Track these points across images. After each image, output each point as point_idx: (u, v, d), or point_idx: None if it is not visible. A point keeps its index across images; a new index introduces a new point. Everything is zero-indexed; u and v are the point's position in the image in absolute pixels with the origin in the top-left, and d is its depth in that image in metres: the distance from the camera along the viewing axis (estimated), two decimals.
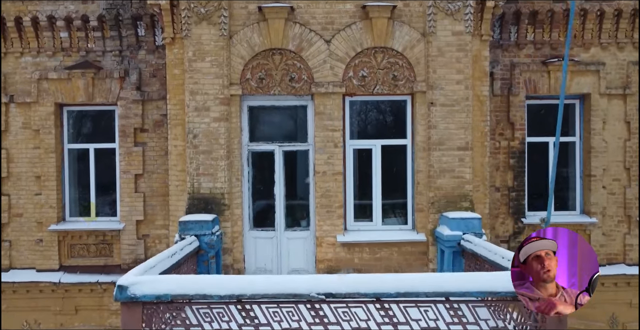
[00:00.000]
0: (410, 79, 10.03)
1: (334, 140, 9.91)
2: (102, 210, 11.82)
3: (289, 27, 9.88)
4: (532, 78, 11.43)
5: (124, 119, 11.33)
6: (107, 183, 11.78)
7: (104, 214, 11.77)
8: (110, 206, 11.82)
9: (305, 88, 10.00)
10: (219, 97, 9.76)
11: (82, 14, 11.09)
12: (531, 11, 11.19)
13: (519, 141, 11.42)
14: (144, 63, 11.39)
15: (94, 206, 11.68)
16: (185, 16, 9.70)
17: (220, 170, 9.76)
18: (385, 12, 9.78)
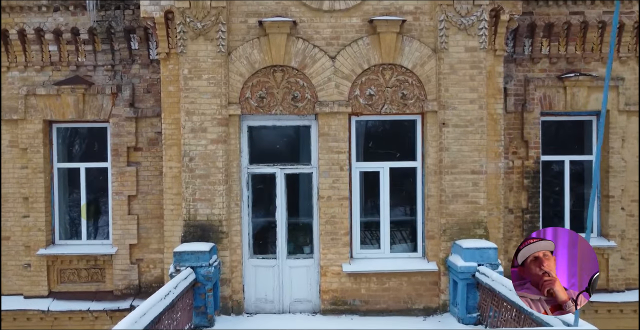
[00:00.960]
0: (420, 98, 9.42)
1: (339, 162, 9.31)
2: (94, 233, 11.24)
3: (291, 43, 9.27)
4: (548, 94, 10.83)
5: (116, 137, 10.73)
6: (99, 204, 11.21)
7: (96, 236, 11.20)
8: (102, 228, 11.24)
9: (309, 107, 9.39)
10: (216, 118, 9.15)
11: (72, 27, 10.49)
12: (546, 23, 10.60)
13: (533, 160, 10.83)
14: (137, 78, 10.79)
15: (85, 229, 11.07)
16: (181, 31, 9.08)
17: (218, 195, 9.15)
18: (394, 26, 9.17)
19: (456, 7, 9.12)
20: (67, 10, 10.53)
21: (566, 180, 11.13)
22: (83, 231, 11.09)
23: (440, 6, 9.13)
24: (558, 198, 11.31)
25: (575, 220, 11.16)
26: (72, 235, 11.27)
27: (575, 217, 11.16)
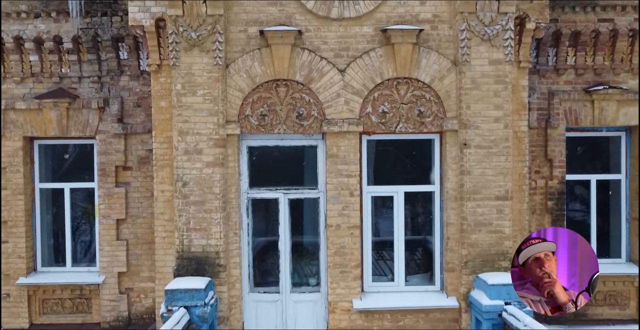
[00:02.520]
0: (439, 116, 8.51)
1: (349, 187, 8.40)
2: (80, 259, 10.33)
3: (296, 54, 8.36)
4: (573, 108, 9.94)
5: (103, 156, 9.80)
6: (86, 227, 10.31)
7: (83, 258, 10.28)
8: (89, 253, 10.33)
9: (316, 126, 8.48)
10: (213, 138, 8.23)
11: (54, 35, 9.55)
12: (573, 32, 9.71)
13: (557, 180, 9.94)
14: (126, 91, 9.86)
15: (70, 254, 10.15)
16: (173, 42, 8.15)
17: (215, 224, 8.23)
18: (410, 36, 8.27)
19: (479, 15, 8.22)
20: (49, 17, 9.60)
21: (592, 201, 10.25)
22: (68, 257, 10.16)
23: (461, 14, 8.22)
24: (583, 221, 10.46)
25: (602, 244, 10.30)
26: (56, 259, 10.37)
27: (601, 240, 10.30)
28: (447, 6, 8.46)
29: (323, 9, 8.36)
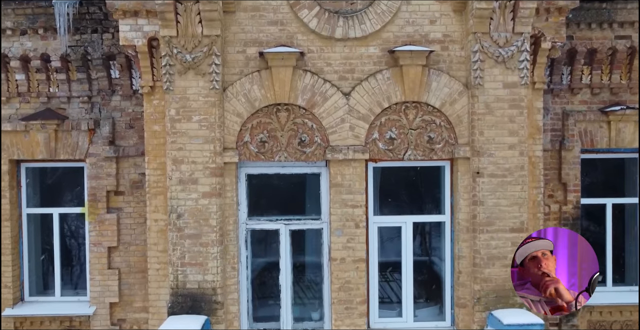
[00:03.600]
0: (450, 142, 8.01)
1: (354, 218, 7.89)
2: (70, 287, 9.81)
3: (297, 77, 7.85)
4: (589, 129, 9.46)
5: (94, 180, 9.28)
6: (76, 254, 9.81)
7: (72, 291, 9.75)
8: (80, 282, 9.81)
9: (319, 153, 7.97)
10: (209, 167, 7.71)
11: (41, 53, 9.03)
12: (588, 49, 9.21)
13: (572, 205, 9.45)
14: (118, 111, 9.34)
15: (58, 283, 9.63)
16: (166, 64, 7.63)
17: (212, 259, 7.71)
18: (420, 58, 7.76)
19: (493, 35, 7.71)
20: (35, 34, 9.08)
21: (608, 226, 9.78)
22: (57, 286, 9.64)
23: (474, 34, 7.72)
24: (598, 246, 9.97)
25: (618, 271, 9.83)
26: (45, 287, 9.87)
27: (617, 268, 9.83)
28: (459, 25, 7.96)
29: (327, 28, 7.85)
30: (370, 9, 7.89)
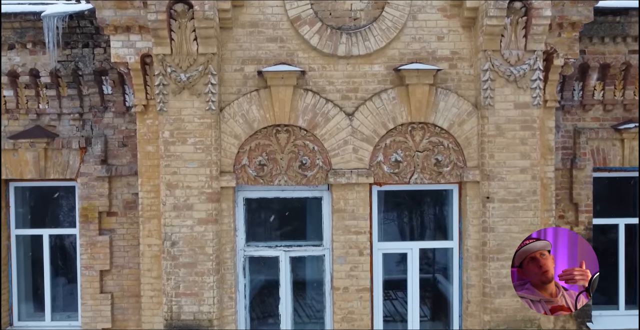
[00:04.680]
0: (458, 165, 7.62)
1: (358, 245, 7.51)
2: (62, 311, 9.41)
3: (298, 97, 7.45)
4: (601, 147, 9.08)
5: (85, 201, 8.88)
6: (68, 277, 9.42)
7: (63, 315, 9.36)
8: (72, 304, 9.41)
9: (321, 177, 7.58)
10: (205, 192, 7.32)
11: (30, 68, 8.63)
12: (601, 64, 8.83)
13: (584, 226, 9.07)
14: (110, 128, 8.94)
15: (49, 307, 9.24)
16: (160, 84, 7.23)
17: (208, 288, 7.32)
18: (427, 77, 7.37)
19: (504, 53, 7.32)
20: (24, 48, 8.68)
21: (620, 247, 9.40)
22: (47, 311, 9.25)
23: (484, 52, 7.32)
24: (610, 267, 9.59)
25: (631, 294, 9.45)
26: (35, 309, 9.46)
27: (631, 290, 9.45)
28: (468, 42, 7.57)
29: (329, 45, 7.46)
30: (374, 24, 7.50)
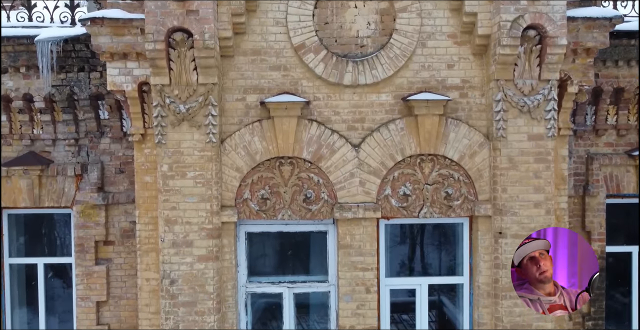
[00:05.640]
0: (469, 198, 7.32)
1: (365, 282, 7.20)
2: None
3: (302, 127, 7.15)
4: (615, 174, 8.82)
5: (81, 229, 8.58)
6: (63, 307, 9.11)
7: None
8: None
9: (326, 211, 7.27)
10: (205, 228, 7.01)
11: (23, 93, 8.34)
12: (615, 88, 8.56)
13: (597, 255, 8.76)
14: (107, 155, 8.65)
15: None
16: (158, 116, 6.93)
17: (208, 328, 7.01)
18: (437, 107, 7.07)
19: (517, 83, 7.02)
20: (17, 73, 8.38)
21: (634, 276, 9.12)
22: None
23: (496, 82, 7.02)
24: (622, 296, 9.31)
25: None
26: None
27: None
28: (479, 70, 7.27)
29: (334, 74, 7.15)
30: (382, 52, 7.20)
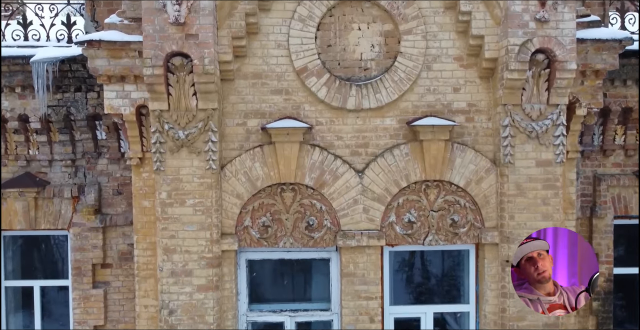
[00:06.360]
0: (475, 225, 7.14)
1: (369, 312, 7.02)
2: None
3: (305, 153, 6.97)
4: (623, 195, 8.66)
5: (78, 252, 8.41)
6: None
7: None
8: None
9: (329, 239, 7.09)
10: (205, 257, 6.83)
11: (19, 113, 8.17)
12: (623, 108, 8.39)
13: (604, 278, 8.63)
14: (105, 176, 8.48)
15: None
16: (157, 142, 6.74)
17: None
18: (442, 132, 6.89)
19: (525, 107, 6.85)
20: (12, 92, 8.20)
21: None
22: None
23: (503, 107, 6.85)
24: (630, 321, 9.15)
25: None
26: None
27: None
28: (485, 94, 7.10)
29: (337, 98, 6.97)
30: (386, 76, 7.02)
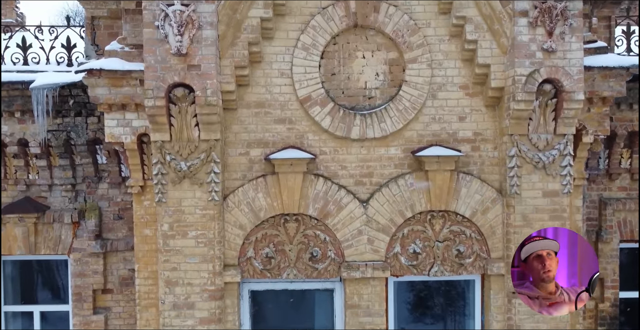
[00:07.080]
0: (481, 256, 7.05)
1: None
2: None
3: (308, 183, 6.87)
4: (629, 219, 8.60)
5: (78, 278, 8.33)
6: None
7: None
8: None
9: (333, 270, 7.00)
10: (207, 289, 6.73)
11: (18, 138, 8.09)
12: (629, 132, 8.33)
13: (610, 303, 8.57)
14: (105, 200, 8.40)
15: None
16: (159, 173, 6.64)
17: None
18: (448, 163, 6.80)
19: (532, 137, 6.75)
20: (12, 117, 8.13)
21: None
22: None
23: (510, 136, 6.76)
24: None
25: None
26: None
27: None
28: (491, 122, 7.01)
29: (342, 128, 6.88)
30: (391, 105, 6.92)
